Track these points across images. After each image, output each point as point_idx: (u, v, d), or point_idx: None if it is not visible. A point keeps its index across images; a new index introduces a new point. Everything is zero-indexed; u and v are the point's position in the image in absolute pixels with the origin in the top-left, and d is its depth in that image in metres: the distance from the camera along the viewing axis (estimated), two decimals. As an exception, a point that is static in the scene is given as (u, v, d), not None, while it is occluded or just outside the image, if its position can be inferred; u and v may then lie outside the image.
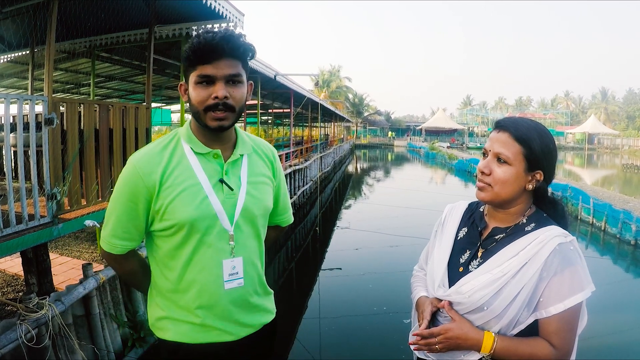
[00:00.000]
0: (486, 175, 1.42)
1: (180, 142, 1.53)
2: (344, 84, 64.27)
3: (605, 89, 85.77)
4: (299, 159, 18.92)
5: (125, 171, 1.48)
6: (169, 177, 1.46)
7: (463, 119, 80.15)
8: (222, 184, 1.52)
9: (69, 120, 4.19)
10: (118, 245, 1.52)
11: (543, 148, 1.39)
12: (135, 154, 1.51)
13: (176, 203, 1.44)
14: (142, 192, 1.45)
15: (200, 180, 1.48)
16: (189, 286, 1.50)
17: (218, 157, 1.53)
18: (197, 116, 1.47)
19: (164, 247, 1.51)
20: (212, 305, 1.51)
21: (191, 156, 1.50)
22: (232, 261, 1.52)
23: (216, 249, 1.50)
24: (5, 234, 3.40)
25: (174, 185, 1.45)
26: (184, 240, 1.47)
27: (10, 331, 3.30)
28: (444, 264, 1.53)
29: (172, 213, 1.44)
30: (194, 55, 1.41)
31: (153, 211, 1.47)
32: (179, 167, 1.48)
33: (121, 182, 1.48)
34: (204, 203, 1.47)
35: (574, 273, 1.29)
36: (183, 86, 1.53)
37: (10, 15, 5.82)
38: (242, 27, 5.98)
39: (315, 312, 7.69)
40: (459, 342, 1.36)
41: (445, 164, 37.82)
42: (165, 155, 1.49)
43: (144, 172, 1.44)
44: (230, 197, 1.52)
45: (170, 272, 1.52)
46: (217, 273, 1.50)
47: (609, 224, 13.04)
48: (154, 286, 1.60)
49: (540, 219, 1.43)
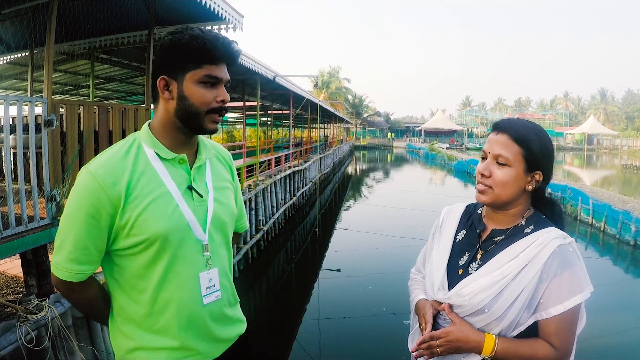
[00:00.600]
0: (486, 177, 1.42)
1: (142, 147, 1.38)
2: (344, 85, 64.28)
3: (604, 90, 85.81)
4: (298, 160, 18.91)
5: (81, 183, 1.29)
6: (135, 186, 1.31)
7: (462, 120, 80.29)
8: (191, 192, 1.41)
9: (69, 121, 4.19)
10: (78, 272, 1.33)
11: (542, 149, 1.39)
12: (92, 162, 1.33)
13: (146, 215, 1.30)
14: (104, 205, 1.27)
15: (169, 188, 1.36)
16: (165, 307, 1.35)
17: (184, 163, 1.42)
18: (194, 117, 1.36)
19: (131, 267, 1.35)
20: (192, 324, 1.38)
21: (156, 162, 1.37)
22: (209, 273, 1.41)
23: (191, 262, 1.38)
24: (4, 236, 3.40)
25: (142, 196, 1.31)
26: (156, 257, 1.32)
27: (10, 333, 3.29)
28: (443, 266, 1.52)
29: (141, 227, 1.29)
30: (203, 53, 1.32)
31: (117, 227, 1.30)
32: (145, 175, 1.34)
33: (78, 195, 1.29)
34: (176, 213, 1.35)
35: (573, 274, 1.29)
36: (164, 81, 1.36)
37: (9, 16, 5.82)
38: (242, 29, 5.99)
39: (315, 313, 7.69)
40: (460, 345, 1.36)
41: (445, 165, 37.85)
42: (128, 162, 1.33)
43: (106, 183, 1.27)
44: (200, 204, 1.41)
45: (140, 295, 1.35)
46: (194, 288, 1.38)
47: (609, 225, 13.06)
48: (119, 314, 1.41)
49: (539, 221, 1.43)
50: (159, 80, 1.35)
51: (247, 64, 9.17)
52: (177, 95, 1.35)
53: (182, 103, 1.35)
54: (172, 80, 1.35)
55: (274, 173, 13.72)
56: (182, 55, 1.32)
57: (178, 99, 1.35)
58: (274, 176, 13.15)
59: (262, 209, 11.68)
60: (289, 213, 15.05)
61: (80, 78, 10.55)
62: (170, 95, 1.36)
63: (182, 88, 1.34)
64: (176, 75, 1.34)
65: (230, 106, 21.42)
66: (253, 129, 30.23)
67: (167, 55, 1.34)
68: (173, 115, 1.37)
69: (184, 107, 1.35)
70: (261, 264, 10.51)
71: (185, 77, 1.34)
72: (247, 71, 10.04)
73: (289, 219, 14.88)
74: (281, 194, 14.16)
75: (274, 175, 13.24)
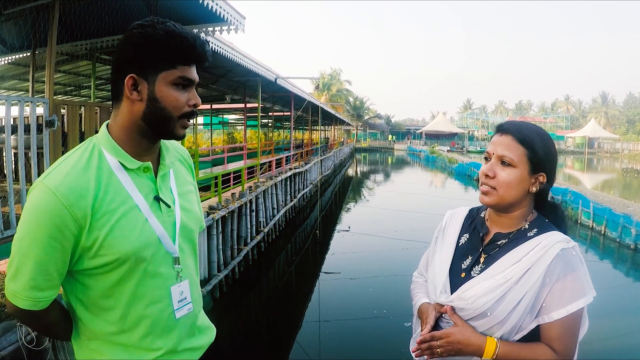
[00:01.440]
0: (490, 178, 1.41)
1: (103, 154, 1.23)
2: (345, 87, 64.30)
3: (605, 93, 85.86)
4: (299, 162, 18.92)
5: (40, 201, 1.13)
6: (101, 202, 1.18)
7: (463, 123, 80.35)
8: (158, 202, 1.30)
9: (70, 122, 4.19)
10: (41, 299, 1.19)
11: (545, 150, 1.40)
12: (49, 176, 1.16)
13: (115, 234, 1.18)
14: (68, 226, 1.13)
15: (137, 201, 1.24)
16: (136, 324, 1.26)
17: (148, 171, 1.30)
18: (165, 122, 1.24)
19: (98, 286, 1.23)
20: (165, 339, 1.31)
21: (121, 173, 1.23)
22: (180, 286, 1.33)
23: (162, 277, 1.29)
24: (5, 236, 3.40)
25: (109, 212, 1.18)
26: (125, 275, 1.22)
27: (10, 333, 3.29)
28: (446, 270, 1.52)
29: (110, 247, 1.17)
30: (179, 53, 1.20)
31: (83, 247, 1.17)
32: (111, 189, 1.21)
33: (36, 215, 1.13)
34: (145, 228, 1.24)
35: (576, 279, 1.29)
36: (132, 80, 1.20)
37: (11, 17, 5.84)
38: (243, 30, 6.00)
39: (315, 315, 7.68)
40: (461, 347, 1.35)
41: (446, 168, 37.85)
42: (91, 175, 1.19)
43: (70, 202, 1.13)
44: (168, 215, 1.32)
45: (108, 313, 1.25)
46: (166, 303, 1.30)
47: (609, 228, 13.05)
48: (84, 332, 1.29)
49: (542, 224, 1.43)
50: (127, 78, 1.19)
51: (249, 66, 9.18)
52: (148, 97, 1.21)
53: (153, 106, 1.22)
54: (142, 80, 1.20)
55: (275, 175, 13.73)
56: (156, 53, 1.19)
57: (148, 101, 1.21)
58: (274, 178, 13.16)
59: (263, 210, 11.68)
60: (289, 215, 15.04)
61: (81, 79, 10.59)
62: (139, 96, 1.21)
63: (154, 89, 1.21)
64: (147, 74, 1.20)
65: (231, 107, 21.43)
66: (254, 130, 30.23)
67: (138, 51, 1.19)
68: (140, 118, 1.23)
69: (154, 111, 1.22)
70: (261, 266, 10.50)
71: (158, 77, 1.20)
72: (248, 73, 10.07)
73: (289, 221, 14.87)
74: (282, 195, 14.16)
75: (274, 177, 13.24)
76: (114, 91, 1.26)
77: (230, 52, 8.08)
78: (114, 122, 1.28)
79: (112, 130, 1.27)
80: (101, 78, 10.73)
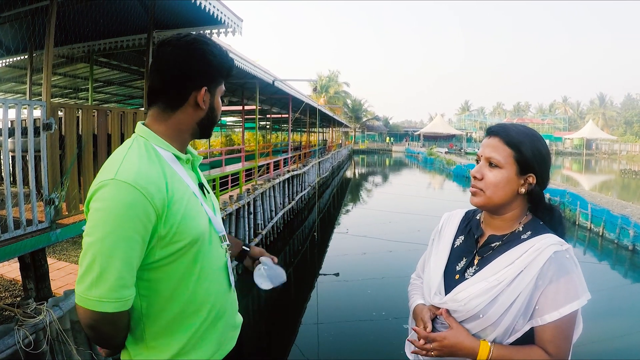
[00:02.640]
0: (478, 180, 1.45)
1: (155, 149, 1.32)
2: (343, 89, 64.42)
3: (603, 95, 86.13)
4: (297, 164, 18.92)
5: (119, 197, 1.16)
6: (173, 192, 1.26)
7: (461, 125, 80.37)
8: (201, 189, 1.45)
9: (67, 125, 4.19)
10: (130, 297, 1.20)
11: (534, 151, 1.41)
12: (123, 173, 1.19)
13: (187, 219, 1.27)
14: (150, 218, 1.18)
15: (192, 189, 1.36)
16: (201, 305, 1.35)
17: (189, 162, 1.46)
18: (212, 126, 1.47)
19: (169, 277, 1.29)
20: (224, 312, 1.45)
21: (175, 164, 1.35)
22: (230, 261, 1.52)
23: (219, 254, 1.44)
24: (3, 239, 3.40)
25: (179, 200, 1.27)
26: (194, 259, 1.31)
27: (8, 336, 3.28)
28: (440, 271, 1.53)
29: (183, 232, 1.26)
30: (228, 69, 1.43)
31: (157, 238, 1.22)
32: (174, 178, 1.30)
33: (118, 212, 1.15)
34: (202, 212, 1.37)
35: (569, 281, 1.29)
36: (205, 91, 1.37)
37: (8, 19, 5.83)
38: (241, 33, 5.99)
39: (313, 317, 7.68)
40: (454, 350, 1.36)
41: (443, 170, 37.87)
42: (159, 168, 1.27)
43: (151, 193, 1.18)
44: (209, 199, 1.49)
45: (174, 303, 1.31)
46: (224, 276, 1.47)
47: (607, 230, 13.08)
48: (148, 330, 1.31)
49: (536, 227, 1.43)
50: (203, 90, 1.36)
51: (246, 68, 9.18)
52: (209, 106, 1.40)
53: (212, 114, 1.42)
54: (208, 92, 1.39)
55: (273, 177, 13.72)
56: (221, 69, 1.40)
57: (209, 110, 1.41)
58: (272, 180, 13.15)
59: (261, 212, 11.68)
60: (287, 217, 15.04)
61: (79, 81, 10.56)
62: (204, 105, 1.38)
63: (214, 100, 1.42)
64: (212, 87, 1.40)
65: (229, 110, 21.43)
66: (252, 132, 30.24)
67: (211, 67, 1.37)
68: (196, 123, 1.41)
69: (211, 117, 1.43)
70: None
71: (217, 90, 1.42)
72: (246, 75, 10.05)
73: (287, 223, 14.87)
74: (280, 198, 14.16)
75: (272, 179, 13.24)
76: (174, 98, 1.36)
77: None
78: (164, 125, 1.37)
79: (158, 131, 1.36)
80: (99, 81, 10.71)
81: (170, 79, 1.33)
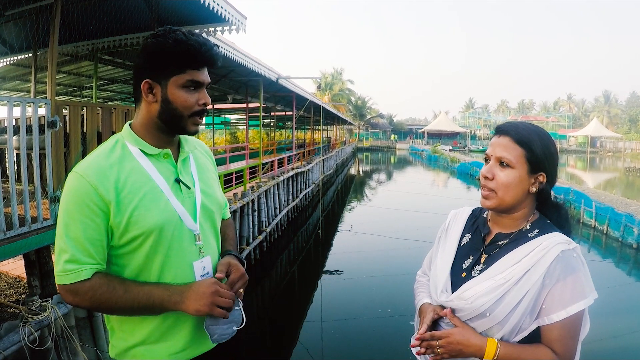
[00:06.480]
0: (489, 180, 1.42)
1: (126, 145, 1.42)
2: (347, 87, 64.22)
3: (607, 92, 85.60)
4: (301, 161, 18.92)
5: (72, 186, 1.31)
6: (125, 183, 1.34)
7: (465, 122, 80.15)
8: (178, 184, 1.46)
9: (72, 123, 4.20)
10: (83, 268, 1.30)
11: (544, 150, 1.39)
12: (79, 165, 1.34)
13: (140, 210, 1.33)
14: (97, 204, 1.30)
15: (158, 183, 1.40)
16: None
17: (169, 157, 1.46)
18: (176, 120, 1.41)
19: (131, 264, 1.38)
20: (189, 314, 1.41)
21: (142, 159, 1.41)
22: (202, 262, 1.46)
23: (185, 252, 1.42)
24: (8, 237, 3.41)
25: (133, 192, 1.34)
26: (152, 250, 1.36)
27: (13, 333, 3.30)
28: (447, 269, 1.52)
29: (137, 222, 1.33)
30: (187, 59, 1.36)
31: (113, 225, 1.32)
32: (133, 172, 1.37)
33: (69, 198, 1.31)
34: (167, 206, 1.39)
35: (576, 280, 1.28)
36: (148, 85, 1.38)
37: (13, 18, 5.85)
38: (245, 30, 5.99)
39: (318, 314, 7.68)
40: (461, 348, 1.35)
41: (448, 167, 37.81)
42: (114, 161, 1.37)
43: (96, 182, 1.30)
44: (189, 196, 1.47)
45: None
46: (190, 277, 1.42)
47: (611, 228, 13.03)
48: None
49: (544, 225, 1.42)
50: (143, 83, 1.38)
51: (250, 66, 9.18)
52: (161, 99, 1.39)
53: (166, 106, 1.39)
54: (156, 84, 1.38)
55: (277, 174, 13.73)
56: (166, 60, 1.35)
57: (162, 102, 1.39)
58: (276, 178, 13.16)
59: (265, 210, 11.69)
60: (291, 215, 15.05)
61: (83, 79, 10.60)
62: (154, 98, 1.40)
63: (166, 92, 1.38)
64: (160, 78, 1.38)
65: (233, 107, 21.44)
66: (256, 130, 30.25)
67: (151, 59, 1.37)
68: (156, 117, 1.42)
69: (167, 110, 1.40)
70: (264, 266, 10.51)
71: (169, 81, 1.38)
72: (250, 73, 10.07)
73: (291, 221, 14.88)
74: (284, 195, 14.17)
75: (276, 177, 13.25)
76: (135, 94, 1.45)
77: (232, 52, 8.08)
78: (135, 120, 1.47)
79: (133, 127, 1.46)
80: (103, 79, 10.74)
81: (132, 75, 1.44)
